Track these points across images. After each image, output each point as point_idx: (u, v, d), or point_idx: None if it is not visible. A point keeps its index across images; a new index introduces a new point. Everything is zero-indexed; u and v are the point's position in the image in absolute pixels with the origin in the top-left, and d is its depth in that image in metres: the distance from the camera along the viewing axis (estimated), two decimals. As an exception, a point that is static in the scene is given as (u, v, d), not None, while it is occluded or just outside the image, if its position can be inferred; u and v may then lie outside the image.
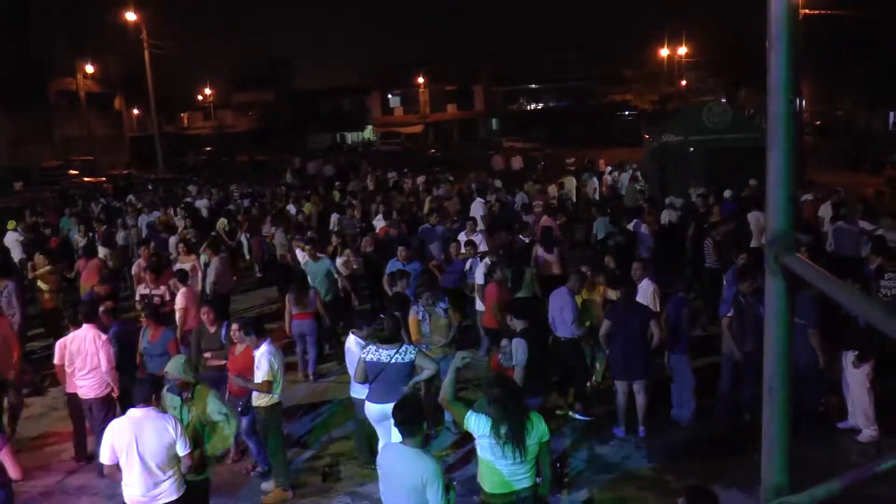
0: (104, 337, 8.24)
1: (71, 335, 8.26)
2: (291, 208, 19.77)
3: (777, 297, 1.54)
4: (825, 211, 14.71)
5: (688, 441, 8.37)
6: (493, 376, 6.03)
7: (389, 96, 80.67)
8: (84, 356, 8.08)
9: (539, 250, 12.52)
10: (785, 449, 1.56)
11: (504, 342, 7.87)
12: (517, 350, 7.45)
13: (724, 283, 10.23)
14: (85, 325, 8.21)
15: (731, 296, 8.60)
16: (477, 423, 5.37)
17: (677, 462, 7.88)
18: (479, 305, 10.95)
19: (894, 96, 53.39)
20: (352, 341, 7.90)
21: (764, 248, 1.59)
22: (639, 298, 9.26)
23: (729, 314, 8.50)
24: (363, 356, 7.28)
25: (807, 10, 33.50)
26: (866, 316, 1.25)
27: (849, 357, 8.12)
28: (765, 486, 1.58)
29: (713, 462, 7.69)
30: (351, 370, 7.80)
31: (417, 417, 5.11)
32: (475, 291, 11.19)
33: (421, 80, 77.15)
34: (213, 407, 6.36)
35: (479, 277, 11.09)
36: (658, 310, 9.34)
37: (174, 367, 6.42)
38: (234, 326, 8.01)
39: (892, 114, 57.94)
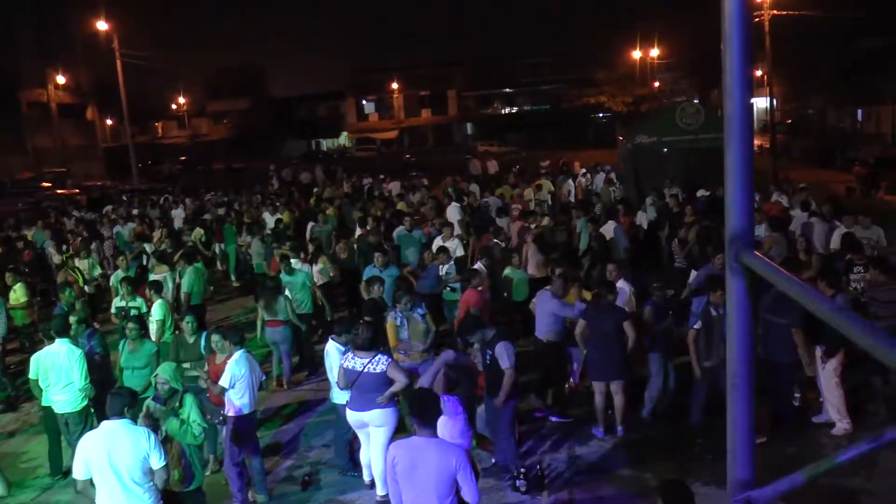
0: (78, 351, 8.16)
1: (45, 350, 8.17)
2: (268, 216, 19.66)
3: (738, 295, 1.56)
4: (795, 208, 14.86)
5: (667, 440, 8.41)
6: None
7: (364, 102, 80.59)
8: (58, 370, 8.00)
9: (531, 252, 12.61)
10: (749, 444, 1.58)
11: (476, 346, 7.87)
12: (503, 355, 7.46)
13: (689, 285, 10.24)
14: (58, 340, 8.12)
15: (701, 308, 8.49)
16: None
17: (656, 461, 7.91)
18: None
19: (863, 95, 54.15)
20: (331, 347, 7.95)
21: None
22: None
23: (696, 326, 8.40)
24: (342, 363, 7.32)
25: (775, 11, 33.89)
26: (822, 314, 1.27)
27: (819, 352, 8.23)
28: (731, 481, 1.60)
29: (693, 460, 7.74)
30: (330, 375, 7.81)
31: (432, 408, 5.20)
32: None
33: (395, 85, 77.16)
34: (196, 419, 6.34)
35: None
36: (634, 310, 9.41)
37: (167, 371, 6.38)
38: (215, 336, 8.01)
39: (860, 112, 58.65)
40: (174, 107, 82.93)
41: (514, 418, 7.81)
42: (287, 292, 11.70)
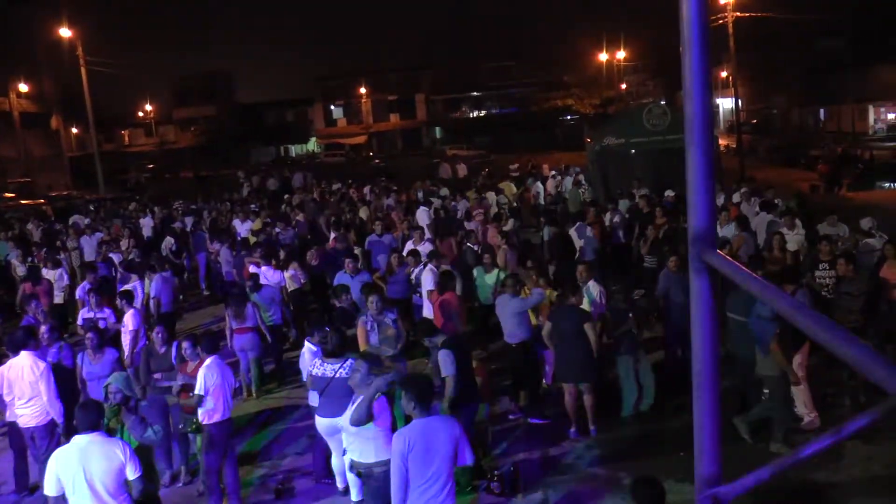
0: (42, 365, 8.01)
1: (8, 363, 8.02)
2: (237, 224, 19.52)
3: (702, 294, 1.58)
4: (749, 208, 15.08)
5: (641, 438, 8.48)
6: None
7: (332, 107, 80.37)
8: (23, 385, 7.86)
9: (507, 255, 12.66)
10: (716, 441, 1.60)
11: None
12: (444, 362, 7.45)
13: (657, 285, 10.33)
14: (23, 353, 7.98)
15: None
16: None
17: (631, 460, 7.97)
18: (429, 312, 10.90)
19: (825, 95, 55.10)
20: (307, 349, 8.02)
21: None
22: (586, 300, 9.39)
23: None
24: (310, 370, 7.30)
25: (738, 13, 34.36)
26: (781, 311, 1.29)
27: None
28: (698, 478, 1.61)
29: (667, 458, 7.80)
30: (305, 377, 7.82)
31: (428, 392, 5.57)
32: (428, 298, 10.94)
33: (363, 90, 77.05)
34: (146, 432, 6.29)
35: (427, 283, 11.01)
36: (604, 311, 9.49)
37: (117, 378, 6.30)
38: (185, 344, 7.95)
39: (822, 111, 59.65)
40: (141, 114, 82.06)
41: (471, 424, 7.75)
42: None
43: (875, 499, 7.02)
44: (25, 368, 7.87)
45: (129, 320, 10.22)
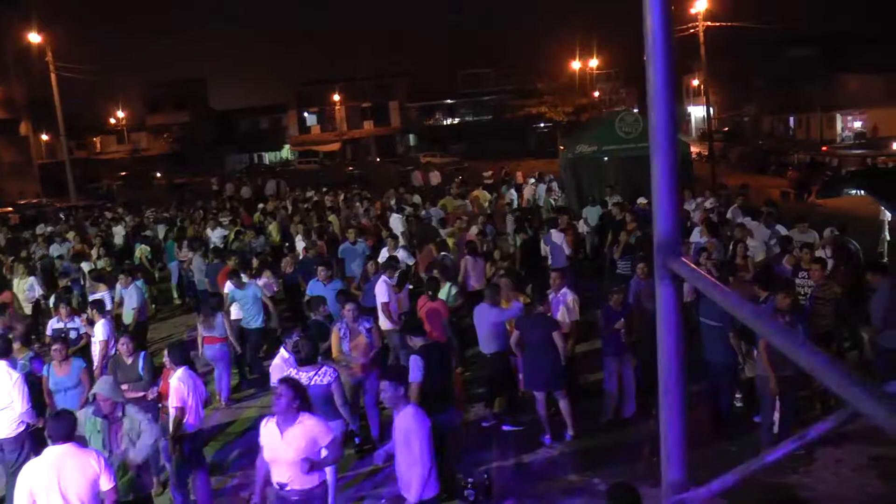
0: (17, 375, 7.89)
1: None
2: (210, 232, 19.37)
3: (667, 301, 1.59)
4: (734, 213, 15.23)
5: (614, 444, 8.51)
6: None
7: (306, 114, 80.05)
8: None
9: (470, 263, 12.60)
10: (682, 447, 1.61)
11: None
12: (412, 367, 7.45)
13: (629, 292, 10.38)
14: (-2, 361, 7.87)
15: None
16: None
17: (606, 466, 7.99)
18: (385, 322, 10.62)
19: (795, 102, 55.90)
20: (279, 357, 7.97)
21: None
22: (559, 307, 9.42)
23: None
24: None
25: (709, 23, 34.74)
26: (741, 317, 1.31)
27: (754, 353, 8.43)
28: (665, 483, 1.62)
29: (642, 464, 7.83)
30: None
31: (392, 374, 6.01)
32: (382, 310, 10.67)
33: (337, 97, 76.81)
34: (138, 417, 6.35)
35: (381, 295, 10.69)
36: (578, 318, 9.52)
37: (103, 386, 6.24)
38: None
39: (792, 118, 60.46)
40: (113, 121, 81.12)
41: (445, 433, 7.67)
42: (235, 308, 11.54)
43: (845, 500, 7.10)
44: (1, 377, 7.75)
45: (99, 330, 10.09)
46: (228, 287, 11.82)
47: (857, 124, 53.11)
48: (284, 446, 5.56)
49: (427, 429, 5.68)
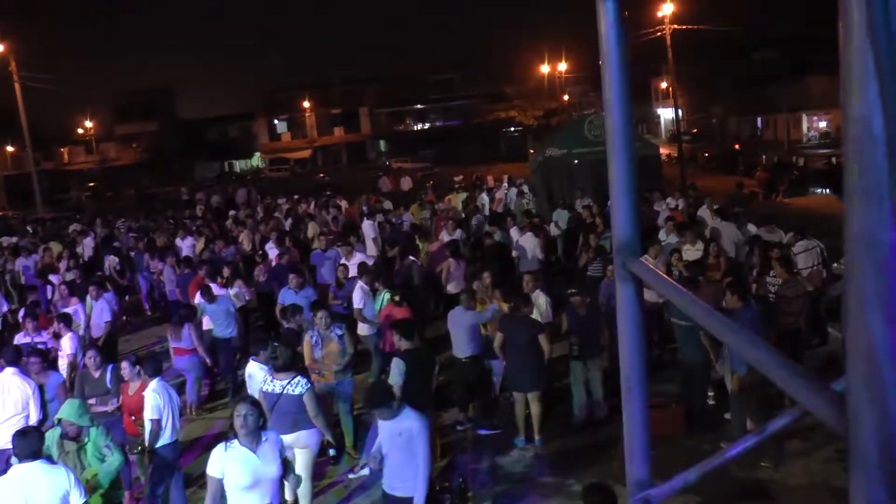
0: (32, 384, 7.79)
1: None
2: (179, 242, 19.18)
3: (627, 301, 1.61)
4: (704, 213, 15.38)
5: (589, 445, 8.55)
6: None
7: (276, 122, 79.71)
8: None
9: (452, 265, 12.64)
10: (645, 444, 1.63)
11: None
12: (394, 370, 7.46)
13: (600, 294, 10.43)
14: (8, 369, 7.77)
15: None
16: None
17: (580, 467, 8.03)
18: (363, 329, 10.67)
19: (761, 104, 56.67)
20: (253, 368, 7.92)
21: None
22: (533, 310, 9.45)
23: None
24: (262, 387, 7.22)
25: (676, 26, 35.12)
26: (697, 318, 1.32)
27: (725, 351, 8.52)
28: (629, 481, 1.64)
29: (616, 464, 7.87)
30: (256, 397, 7.68)
31: (386, 395, 5.99)
32: (356, 316, 10.75)
33: (307, 104, 76.51)
34: (101, 441, 6.21)
35: (357, 301, 10.75)
36: (552, 320, 9.57)
37: (68, 412, 6.14)
38: (124, 364, 7.78)
39: (759, 119, 61.24)
40: (81, 131, 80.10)
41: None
42: (206, 319, 11.42)
43: (814, 492, 7.20)
44: (12, 385, 7.67)
45: (66, 344, 9.93)
46: (199, 300, 11.69)
47: (823, 124, 53.93)
48: (263, 466, 5.50)
49: (429, 429, 5.71)
